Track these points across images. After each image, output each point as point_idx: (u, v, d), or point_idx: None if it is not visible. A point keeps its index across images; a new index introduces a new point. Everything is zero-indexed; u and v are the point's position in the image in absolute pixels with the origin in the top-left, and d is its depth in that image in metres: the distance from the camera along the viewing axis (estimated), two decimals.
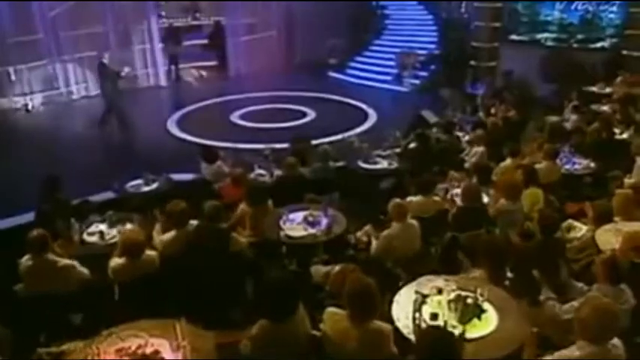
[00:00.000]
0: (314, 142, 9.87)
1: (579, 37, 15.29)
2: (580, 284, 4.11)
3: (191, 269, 4.85)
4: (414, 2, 18.19)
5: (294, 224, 5.61)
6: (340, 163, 8.81)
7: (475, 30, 15.70)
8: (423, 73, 15.76)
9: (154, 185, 7.64)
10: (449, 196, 6.32)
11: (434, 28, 17.19)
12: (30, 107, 13.64)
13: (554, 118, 10.68)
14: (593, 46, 14.96)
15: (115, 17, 15.08)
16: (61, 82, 14.44)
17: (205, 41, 18.04)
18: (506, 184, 5.84)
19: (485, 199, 6.06)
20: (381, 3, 18.62)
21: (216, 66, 17.95)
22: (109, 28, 15.00)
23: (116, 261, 4.69)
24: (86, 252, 5.24)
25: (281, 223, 5.62)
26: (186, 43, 17.33)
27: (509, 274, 4.22)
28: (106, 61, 11.67)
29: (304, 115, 12.67)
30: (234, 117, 12.60)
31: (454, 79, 15.08)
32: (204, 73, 16.73)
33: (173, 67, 16.68)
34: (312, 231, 5.46)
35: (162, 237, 5.17)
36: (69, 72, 14.60)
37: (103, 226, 5.66)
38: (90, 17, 14.57)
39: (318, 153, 8.03)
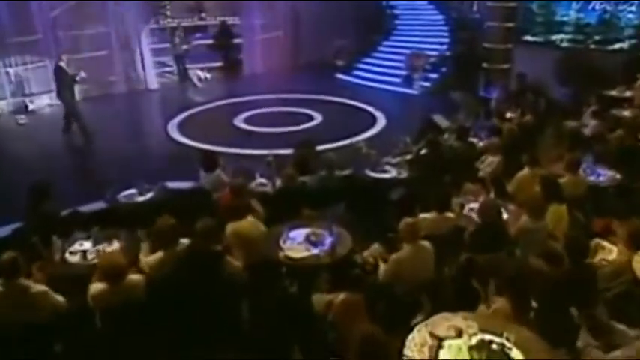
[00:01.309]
0: (320, 147, 9.42)
1: (596, 38, 14.74)
2: (622, 326, 3.58)
3: (180, 296, 4.37)
4: (424, 2, 17.70)
5: (295, 243, 5.12)
6: (347, 172, 8.36)
7: (487, 30, 15.12)
8: (434, 75, 15.23)
9: (149, 195, 7.19)
10: (464, 212, 5.81)
11: (445, 28, 16.68)
12: (30, 108, 13.24)
13: (572, 124, 10.17)
14: (611, 47, 14.40)
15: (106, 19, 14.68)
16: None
17: (210, 41, 17.52)
18: (528, 200, 5.32)
19: (504, 215, 5.57)
20: (390, 3, 18.13)
21: (221, 67, 17.46)
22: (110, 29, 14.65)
23: (96, 286, 4.23)
24: (66, 273, 4.76)
25: (281, 241, 5.13)
26: (195, 43, 16.87)
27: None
28: (63, 64, 11.03)
29: (310, 118, 12.19)
30: (238, 120, 12.13)
31: (466, 82, 14.54)
32: (208, 75, 16.23)
33: (181, 67, 16.18)
34: (314, 251, 4.97)
35: (149, 259, 4.69)
36: None
37: (87, 244, 5.20)
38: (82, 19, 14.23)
39: (323, 161, 7.54)
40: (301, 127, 11.60)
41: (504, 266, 4.45)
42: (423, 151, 8.69)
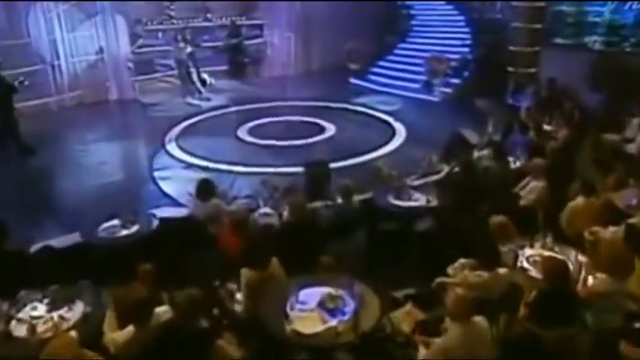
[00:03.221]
0: (333, 164, 8.32)
1: (633, 40, 13.53)
2: None
3: None
4: (442, 1, 16.52)
5: (307, 310, 3.98)
6: (365, 195, 7.25)
7: (513, 32, 13.94)
8: (455, 81, 14.04)
9: (134, 228, 6.11)
10: (519, 264, 4.64)
11: (466, 29, 15.48)
12: None
13: (612, 137, 9.00)
14: None
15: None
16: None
17: (218, 43, 16.39)
18: (610, 254, 4.14)
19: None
20: (406, 2, 16.96)
21: (227, 71, 16.35)
22: None
23: None
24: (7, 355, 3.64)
25: (288, 307, 4.00)
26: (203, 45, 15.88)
27: None
28: None
29: (322, 129, 11.03)
30: (242, 132, 11.00)
31: (490, 88, 13.35)
32: (212, 80, 15.12)
33: (184, 71, 15.06)
34: (332, 323, 3.83)
35: (115, 335, 3.58)
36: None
37: (41, 308, 4.08)
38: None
39: (339, 188, 6.40)
40: (312, 139, 10.46)
41: (580, 347, 3.34)
42: (454, 171, 7.63)
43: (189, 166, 9.22)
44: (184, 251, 5.84)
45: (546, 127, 9.54)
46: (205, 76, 15.04)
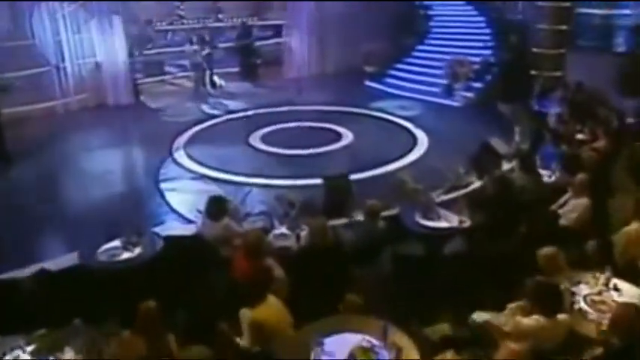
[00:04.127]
0: (353, 175, 7.75)
1: None
2: None
3: None
4: (462, 2, 15.88)
5: None
6: (389, 212, 6.66)
7: (537, 34, 13.30)
8: (477, 85, 13.39)
9: (137, 250, 5.55)
10: (576, 307, 4.01)
11: (486, 31, 14.82)
12: None
13: None
14: None
15: None
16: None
17: (229, 44, 15.82)
18: None
19: None
20: (425, 3, 16.31)
21: (238, 73, 15.78)
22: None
23: None
24: None
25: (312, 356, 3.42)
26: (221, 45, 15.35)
27: None
28: None
29: (339, 136, 10.42)
30: (254, 139, 10.41)
31: (514, 93, 12.70)
32: (222, 82, 14.56)
33: (200, 74, 14.53)
34: None
35: None
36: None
37: (24, 358, 3.52)
38: None
39: (365, 207, 5.80)
40: (329, 148, 9.86)
41: None
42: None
43: (199, 176, 8.64)
44: (192, 277, 5.32)
45: (579, 136, 8.91)
46: (216, 78, 14.54)
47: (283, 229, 5.90)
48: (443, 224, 6.09)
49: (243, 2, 17.21)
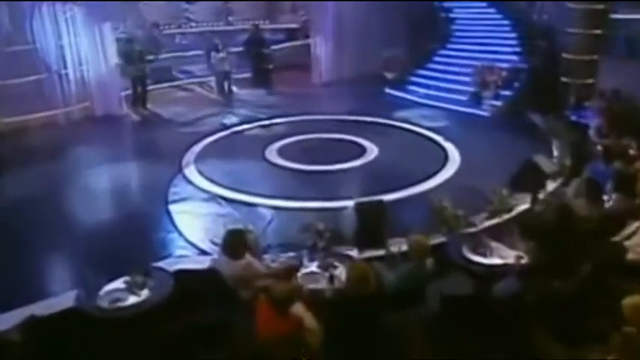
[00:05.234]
0: (383, 196, 6.95)
1: None
2: None
3: None
4: (483, 3, 15.09)
5: None
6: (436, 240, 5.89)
7: (568, 38, 12.45)
8: (506, 92, 12.54)
9: (144, 293, 4.76)
10: None
11: (512, 35, 13.99)
12: None
13: None
14: None
15: None
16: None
17: (240, 49, 15.02)
18: None
19: None
20: (445, 5, 15.51)
21: (251, 79, 14.99)
22: None
23: None
24: None
25: None
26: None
27: None
28: None
29: (362, 150, 9.58)
30: (271, 152, 9.59)
31: (546, 101, 11.89)
32: (235, 89, 13.76)
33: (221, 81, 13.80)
34: None
35: None
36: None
37: None
38: None
39: (410, 244, 4.97)
40: (353, 164, 9.01)
41: None
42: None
43: (212, 197, 7.81)
44: (207, 327, 4.53)
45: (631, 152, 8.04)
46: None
47: (313, 267, 5.11)
48: (496, 260, 5.28)
49: (254, 3, 16.53)
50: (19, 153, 9.65)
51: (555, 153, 9.29)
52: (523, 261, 5.20)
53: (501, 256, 5.32)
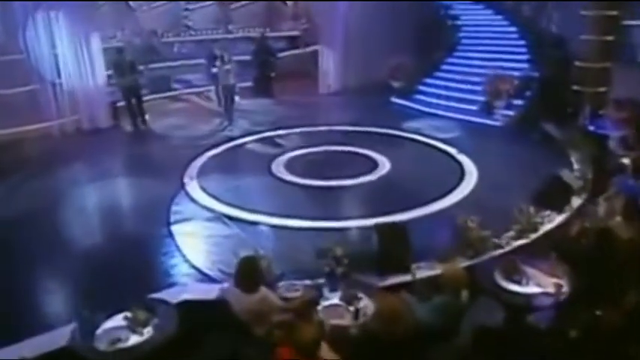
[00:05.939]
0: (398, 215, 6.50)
1: None
2: None
3: None
4: (489, 10, 14.79)
5: None
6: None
7: (579, 45, 12.05)
8: (517, 102, 12.10)
9: (147, 332, 4.24)
10: None
11: (520, 42, 13.63)
12: None
13: None
14: None
15: None
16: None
17: (241, 57, 14.47)
18: None
19: None
20: (451, 13, 15.12)
21: (252, 88, 14.50)
22: None
23: None
24: None
25: None
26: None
27: None
28: None
29: (374, 164, 9.09)
30: (277, 166, 9.10)
31: (559, 111, 11.48)
32: (237, 99, 13.30)
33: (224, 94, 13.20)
34: None
35: None
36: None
37: None
38: None
39: (444, 276, 4.48)
40: (365, 179, 8.50)
41: None
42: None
43: (217, 216, 7.29)
44: None
45: None
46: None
47: (335, 299, 4.62)
48: (534, 289, 4.80)
49: (253, 11, 16.15)
50: (10, 167, 9.17)
51: (576, 166, 8.84)
52: (564, 290, 4.70)
53: (539, 284, 4.83)
